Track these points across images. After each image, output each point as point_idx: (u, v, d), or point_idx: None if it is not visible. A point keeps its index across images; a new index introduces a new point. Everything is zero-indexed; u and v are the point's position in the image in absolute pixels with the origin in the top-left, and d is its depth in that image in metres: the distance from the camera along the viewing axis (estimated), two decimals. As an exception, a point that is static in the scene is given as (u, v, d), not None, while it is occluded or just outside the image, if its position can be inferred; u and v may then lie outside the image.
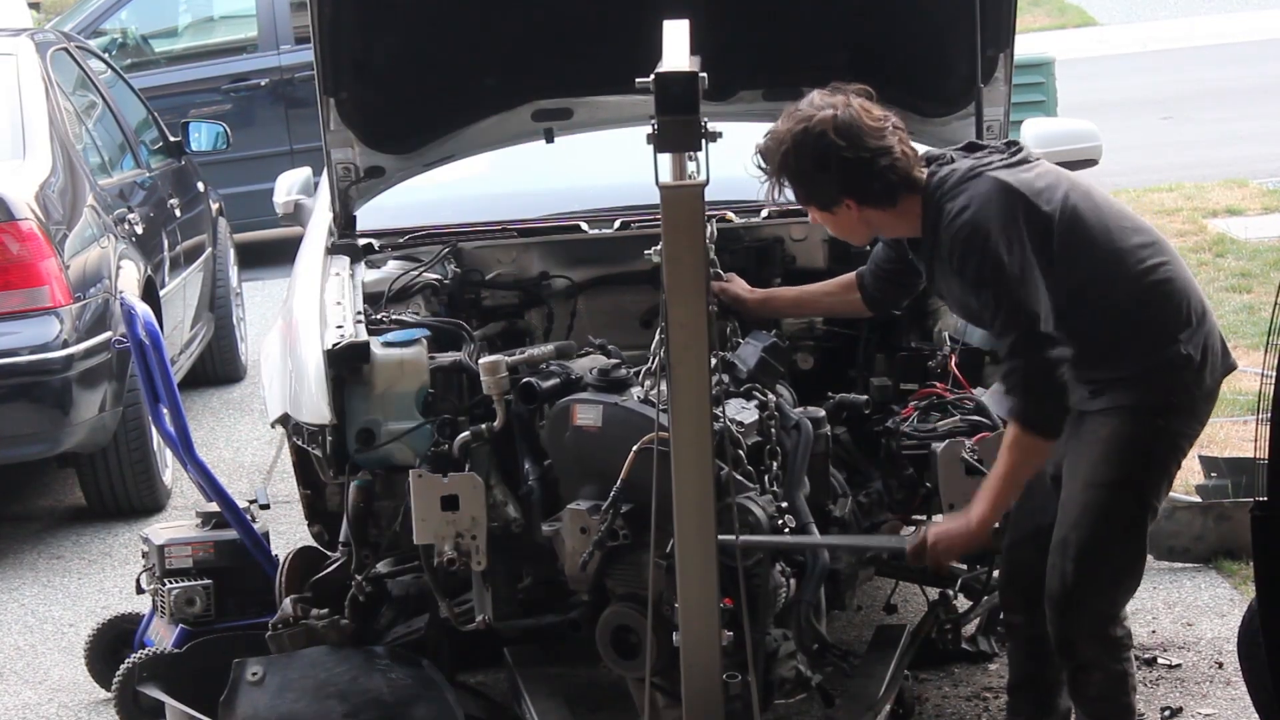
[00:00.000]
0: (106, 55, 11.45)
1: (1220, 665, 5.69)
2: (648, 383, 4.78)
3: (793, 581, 4.69)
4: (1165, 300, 4.51)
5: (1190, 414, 4.56)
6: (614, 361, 5.02)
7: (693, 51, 4.12)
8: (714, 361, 4.38)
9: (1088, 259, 4.48)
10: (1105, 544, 4.55)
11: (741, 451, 4.64)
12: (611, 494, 4.62)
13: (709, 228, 4.70)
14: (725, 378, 4.90)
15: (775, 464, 4.81)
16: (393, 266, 6.01)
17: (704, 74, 3.97)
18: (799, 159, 4.49)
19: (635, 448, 4.57)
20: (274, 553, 5.78)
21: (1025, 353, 4.40)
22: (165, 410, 5.98)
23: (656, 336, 4.64)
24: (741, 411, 4.78)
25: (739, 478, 4.54)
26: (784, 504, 4.66)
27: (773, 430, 4.84)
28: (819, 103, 4.52)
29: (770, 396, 4.93)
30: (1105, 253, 4.49)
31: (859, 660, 5.16)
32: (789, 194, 4.60)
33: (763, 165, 4.57)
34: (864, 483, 5.24)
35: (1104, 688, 4.62)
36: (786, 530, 4.59)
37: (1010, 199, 4.45)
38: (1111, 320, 4.50)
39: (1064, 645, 4.63)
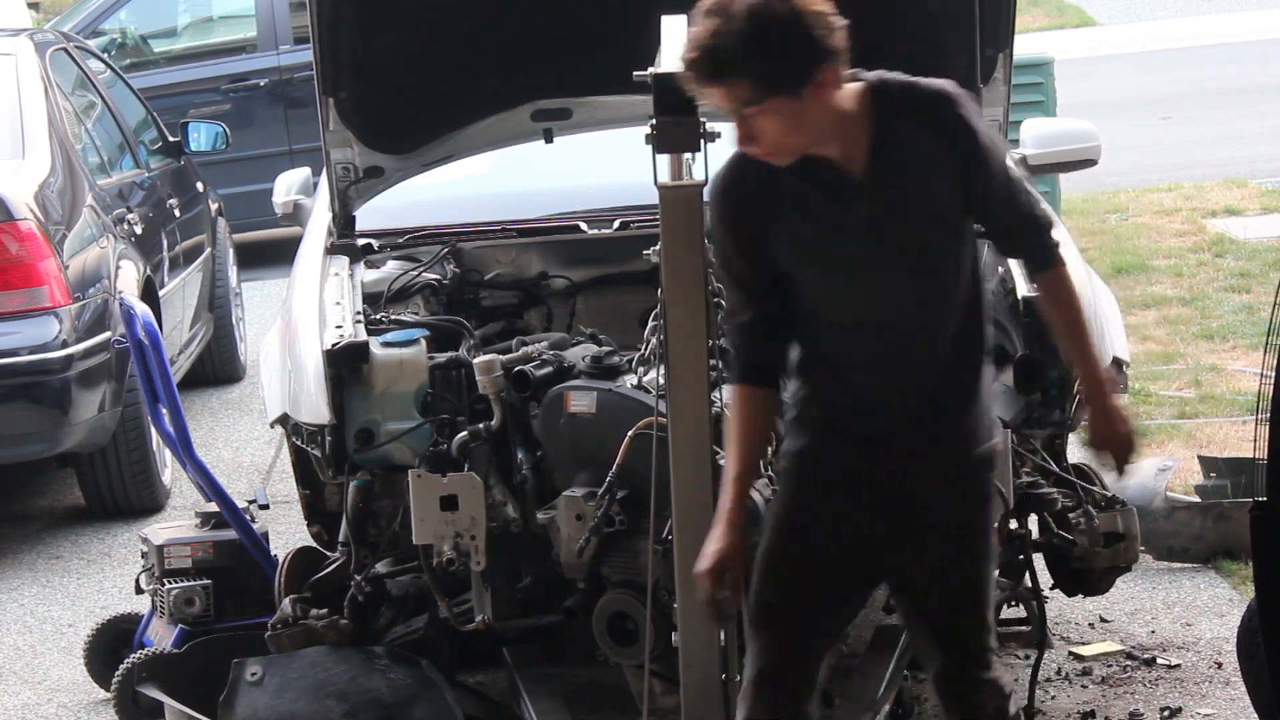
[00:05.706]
0: (105, 55, 11.44)
1: (1219, 665, 5.69)
2: (641, 369, 4.78)
3: None
4: None
5: None
6: (606, 349, 5.02)
7: None
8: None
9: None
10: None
11: None
12: (607, 480, 4.62)
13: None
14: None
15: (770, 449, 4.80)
16: (392, 266, 6.02)
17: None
18: (769, 30, 3.65)
19: (630, 433, 4.58)
20: (273, 553, 5.79)
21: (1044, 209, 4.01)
22: (164, 410, 5.99)
23: (650, 323, 4.64)
24: None
25: None
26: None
27: None
28: None
29: None
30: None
31: (857, 653, 5.15)
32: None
33: (712, 66, 3.65)
34: None
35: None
36: None
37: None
38: None
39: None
